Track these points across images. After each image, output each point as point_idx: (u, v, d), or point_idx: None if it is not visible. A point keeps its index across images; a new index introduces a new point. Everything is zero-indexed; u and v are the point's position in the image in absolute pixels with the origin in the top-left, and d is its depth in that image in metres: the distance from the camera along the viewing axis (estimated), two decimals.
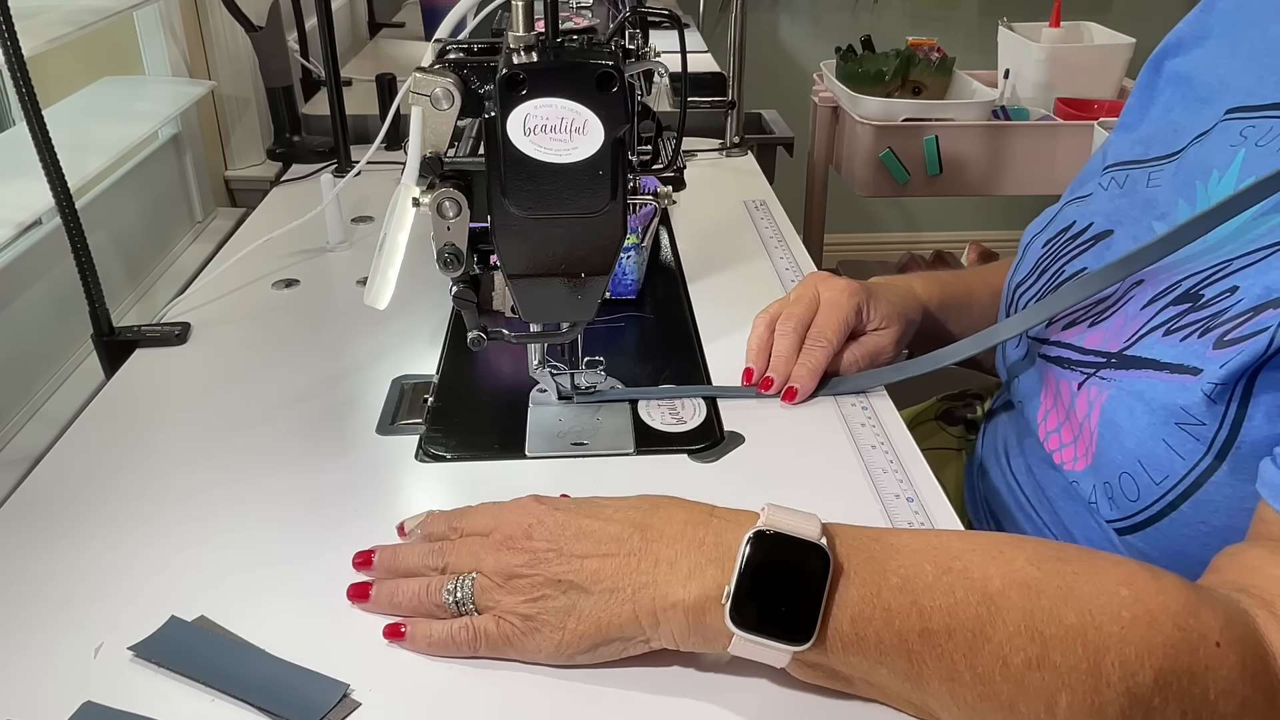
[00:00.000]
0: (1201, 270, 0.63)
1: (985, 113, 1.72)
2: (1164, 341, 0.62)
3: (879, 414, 0.78)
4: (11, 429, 0.85)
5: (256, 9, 1.26)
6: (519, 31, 0.61)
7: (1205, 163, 0.69)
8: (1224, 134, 0.69)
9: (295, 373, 0.84)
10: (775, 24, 2.84)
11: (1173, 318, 0.63)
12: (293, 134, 1.35)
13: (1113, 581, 0.49)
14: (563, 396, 0.79)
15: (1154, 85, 0.81)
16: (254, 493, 0.70)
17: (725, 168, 1.36)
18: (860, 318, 0.81)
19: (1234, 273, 0.60)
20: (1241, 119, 0.68)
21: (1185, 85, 0.77)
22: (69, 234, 0.81)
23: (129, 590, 0.61)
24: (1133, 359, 0.64)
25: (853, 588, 0.50)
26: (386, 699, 0.53)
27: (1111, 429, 0.64)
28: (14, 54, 0.74)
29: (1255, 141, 0.65)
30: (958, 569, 0.50)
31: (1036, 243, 0.82)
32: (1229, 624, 0.49)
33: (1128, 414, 0.63)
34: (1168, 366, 0.61)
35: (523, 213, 0.64)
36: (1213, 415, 0.58)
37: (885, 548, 0.52)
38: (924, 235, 3.04)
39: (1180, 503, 0.60)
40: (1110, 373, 0.65)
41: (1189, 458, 0.59)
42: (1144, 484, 0.62)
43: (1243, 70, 0.71)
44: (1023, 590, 0.49)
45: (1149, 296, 0.65)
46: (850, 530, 0.53)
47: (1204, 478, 0.59)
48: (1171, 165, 0.73)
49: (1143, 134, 0.79)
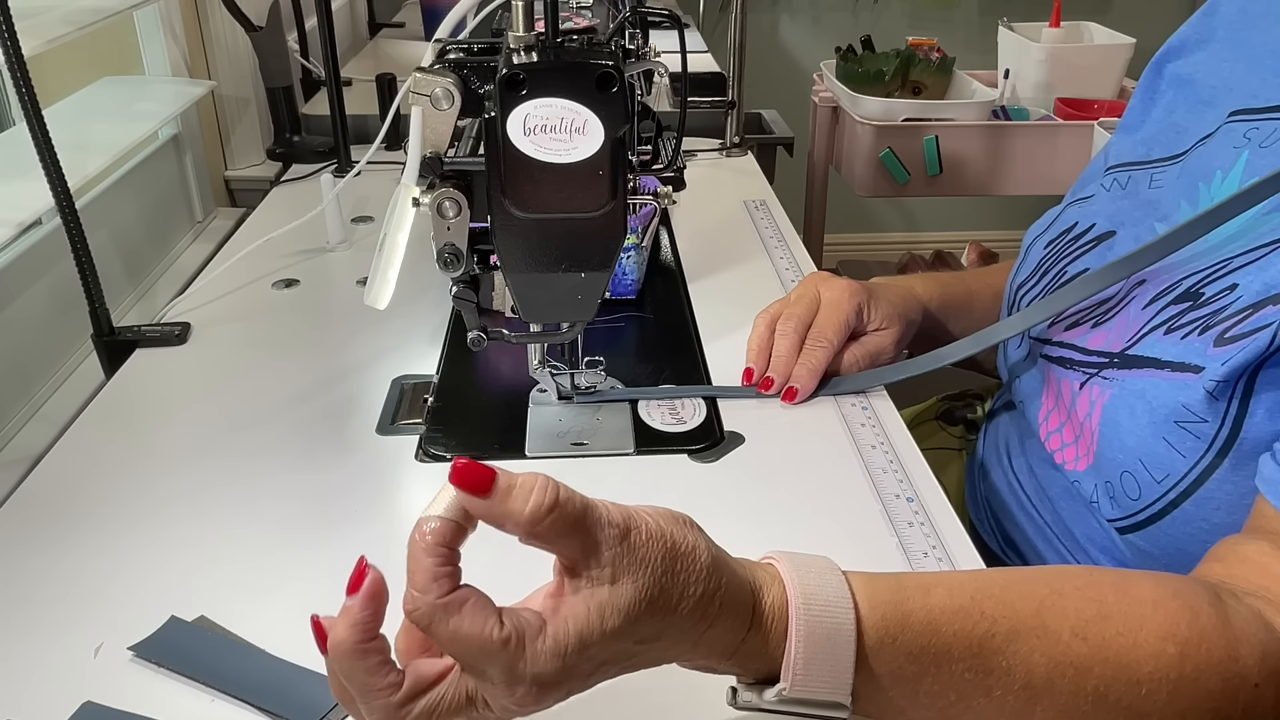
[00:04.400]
0: (1202, 269, 0.63)
1: (985, 113, 1.72)
2: (1165, 340, 0.62)
3: (879, 414, 0.78)
4: (11, 429, 0.85)
5: (256, 9, 1.26)
6: (519, 31, 0.61)
7: (1209, 165, 0.69)
8: (1228, 136, 0.69)
9: (295, 373, 0.84)
10: (775, 24, 2.84)
11: (1173, 316, 0.63)
12: (293, 134, 1.35)
13: (1156, 637, 0.48)
14: (563, 396, 0.79)
15: (1156, 87, 0.81)
16: (254, 493, 0.70)
17: (725, 168, 1.36)
18: (861, 318, 0.81)
19: (1234, 270, 0.60)
20: (1245, 121, 0.68)
21: (1188, 88, 0.77)
22: (69, 234, 0.81)
23: (129, 590, 0.61)
24: (1135, 358, 0.64)
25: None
26: None
27: (1113, 428, 0.64)
28: (14, 54, 0.74)
29: (1259, 143, 0.65)
30: (1000, 669, 0.47)
31: (1039, 244, 0.82)
32: (1264, 659, 0.49)
33: (1129, 413, 0.63)
34: (1169, 365, 0.61)
35: (523, 213, 0.64)
36: (1214, 413, 0.58)
37: (920, 651, 0.47)
38: (924, 235, 3.04)
39: (1182, 500, 0.60)
40: (1113, 373, 0.65)
41: (1190, 456, 0.59)
42: (1145, 482, 0.62)
43: (1246, 73, 0.71)
44: (1070, 673, 0.47)
45: (1150, 296, 0.65)
46: (882, 627, 0.47)
47: (1205, 475, 0.59)
48: (1175, 167, 0.73)
49: (1144, 135, 0.79)
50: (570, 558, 0.43)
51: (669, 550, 0.44)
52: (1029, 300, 0.78)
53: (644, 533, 0.44)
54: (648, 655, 0.45)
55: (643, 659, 0.45)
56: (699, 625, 0.44)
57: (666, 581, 0.43)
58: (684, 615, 0.43)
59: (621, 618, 0.42)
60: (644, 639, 0.43)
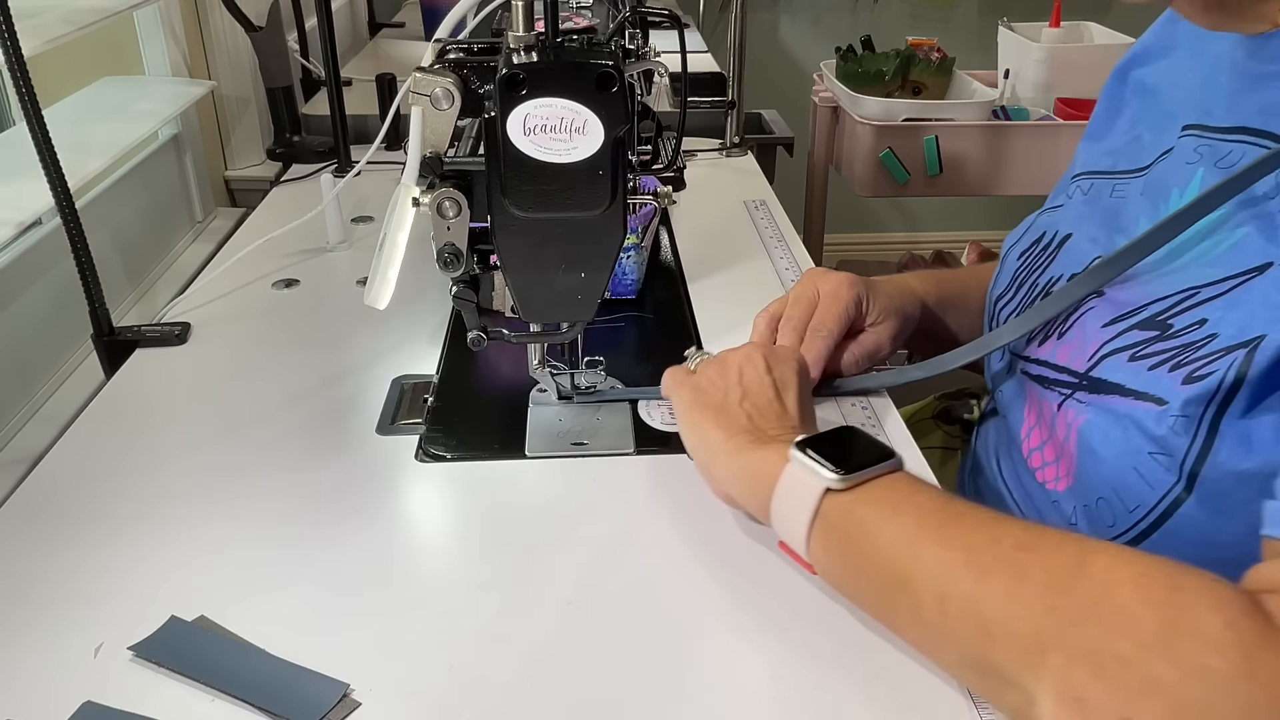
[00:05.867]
0: (1168, 296, 0.62)
1: (985, 113, 1.72)
2: (1130, 367, 0.62)
3: (879, 414, 0.78)
4: (11, 429, 0.85)
5: (256, 9, 1.26)
6: (519, 31, 0.61)
7: (1166, 181, 0.69)
8: (1182, 151, 0.69)
9: (295, 373, 0.84)
10: (775, 24, 2.84)
11: (1139, 343, 0.63)
12: (293, 134, 1.35)
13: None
14: (563, 396, 0.79)
15: (1120, 95, 0.81)
16: (254, 493, 0.70)
17: (725, 168, 1.36)
18: (860, 309, 0.81)
19: (1203, 303, 0.60)
20: (1197, 137, 0.68)
21: (1151, 98, 0.77)
22: (69, 234, 0.81)
23: (129, 590, 0.61)
24: (1100, 382, 0.64)
25: (901, 476, 0.57)
26: (386, 699, 0.53)
27: (1088, 453, 0.64)
28: (14, 54, 0.74)
29: (1214, 161, 0.65)
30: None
31: (1013, 254, 0.82)
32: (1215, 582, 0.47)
33: (1102, 439, 0.63)
34: (1133, 393, 0.61)
35: (523, 213, 0.64)
36: (1179, 447, 0.58)
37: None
38: (924, 235, 3.04)
39: (1151, 532, 0.61)
40: (1085, 396, 0.65)
41: (1158, 488, 0.60)
42: (1118, 511, 0.63)
43: (1202, 86, 0.71)
44: (1056, 541, 0.50)
45: (1109, 316, 0.66)
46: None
47: (1173, 508, 0.59)
48: (1139, 181, 0.73)
49: (1109, 146, 0.79)
50: None
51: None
52: (1007, 313, 0.79)
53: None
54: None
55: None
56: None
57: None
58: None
59: None
60: None
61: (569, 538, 0.65)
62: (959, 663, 0.52)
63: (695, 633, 0.58)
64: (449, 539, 0.67)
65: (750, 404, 0.66)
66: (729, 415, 0.65)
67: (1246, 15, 0.63)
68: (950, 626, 0.50)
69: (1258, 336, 0.56)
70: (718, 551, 0.64)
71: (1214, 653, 0.42)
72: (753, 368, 0.68)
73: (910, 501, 0.55)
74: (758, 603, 0.60)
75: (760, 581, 0.61)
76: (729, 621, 0.59)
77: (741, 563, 0.63)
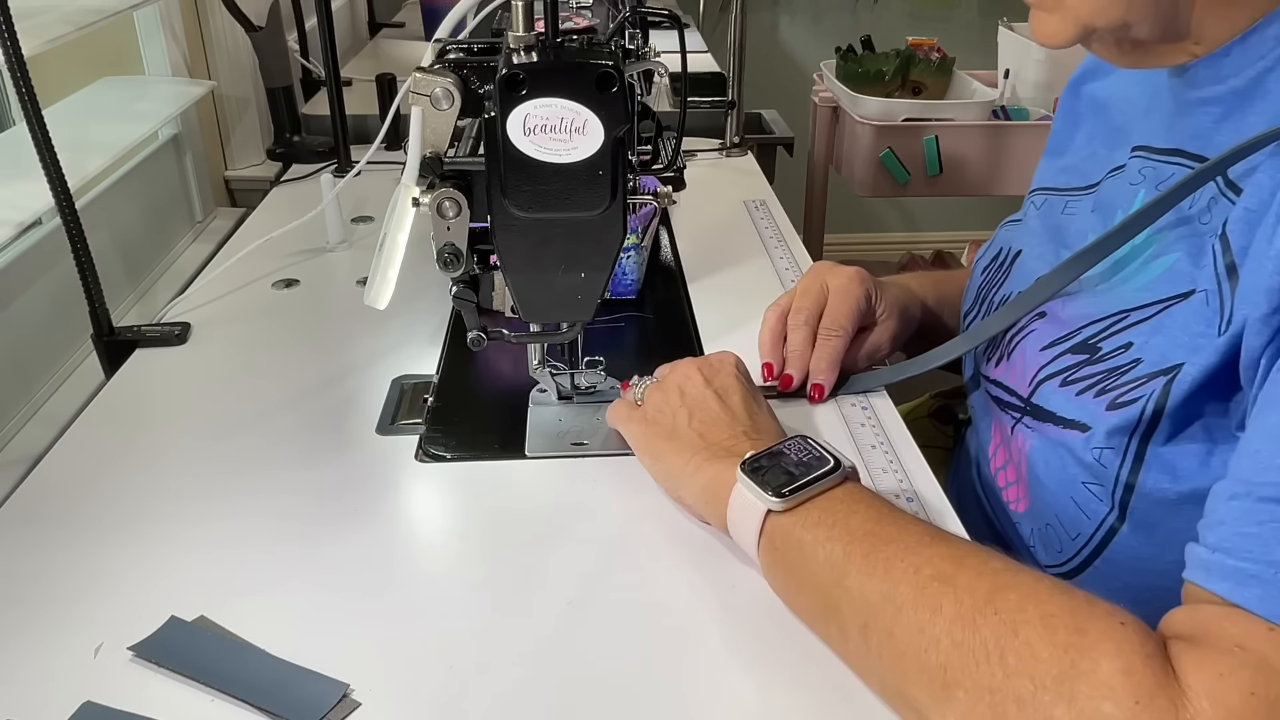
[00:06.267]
0: (1102, 319, 0.63)
1: (985, 113, 1.72)
2: (1060, 393, 0.63)
3: (879, 414, 0.78)
4: (11, 429, 0.85)
5: (256, 9, 1.26)
6: (519, 31, 0.61)
7: (1113, 201, 0.69)
8: (1129, 172, 0.69)
9: (295, 373, 0.84)
10: (775, 24, 2.84)
11: (1070, 367, 0.63)
12: (293, 134, 1.35)
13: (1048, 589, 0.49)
14: (563, 396, 0.79)
15: (1075, 110, 0.81)
16: (254, 492, 0.70)
17: (725, 168, 1.36)
18: (870, 304, 0.81)
19: (1130, 326, 0.61)
20: (1143, 159, 0.68)
21: (1103, 114, 0.77)
22: (69, 234, 0.81)
23: (129, 590, 0.61)
24: (1038, 409, 0.65)
25: (840, 493, 0.57)
26: (386, 699, 0.53)
27: (1035, 480, 0.65)
28: (14, 54, 0.74)
29: (1156, 184, 0.66)
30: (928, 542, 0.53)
31: (978, 268, 0.83)
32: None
33: (1045, 467, 0.64)
34: (1064, 421, 0.62)
35: (523, 213, 0.64)
36: (1108, 476, 0.59)
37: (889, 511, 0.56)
38: (924, 235, 3.04)
39: (1094, 559, 0.62)
40: (1030, 421, 0.66)
41: (1093, 517, 0.61)
42: (1063, 537, 0.64)
43: (1147, 109, 0.71)
44: (973, 573, 0.50)
45: (1049, 338, 0.66)
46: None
47: (1109, 537, 0.60)
48: (1089, 199, 0.74)
49: (1067, 164, 0.79)
50: None
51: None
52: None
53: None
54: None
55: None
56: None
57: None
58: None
59: None
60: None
61: (569, 538, 0.65)
62: (883, 690, 0.52)
63: (694, 632, 0.58)
64: (449, 539, 0.67)
65: (699, 421, 0.67)
66: (681, 438, 0.66)
67: (1161, 54, 0.63)
68: (872, 656, 0.51)
69: (1176, 365, 0.56)
70: (717, 551, 0.64)
71: (1107, 697, 0.43)
72: (692, 384, 0.69)
73: (843, 525, 0.55)
74: (756, 602, 0.60)
75: (758, 581, 0.61)
76: (728, 621, 0.59)
77: (740, 563, 0.63)
